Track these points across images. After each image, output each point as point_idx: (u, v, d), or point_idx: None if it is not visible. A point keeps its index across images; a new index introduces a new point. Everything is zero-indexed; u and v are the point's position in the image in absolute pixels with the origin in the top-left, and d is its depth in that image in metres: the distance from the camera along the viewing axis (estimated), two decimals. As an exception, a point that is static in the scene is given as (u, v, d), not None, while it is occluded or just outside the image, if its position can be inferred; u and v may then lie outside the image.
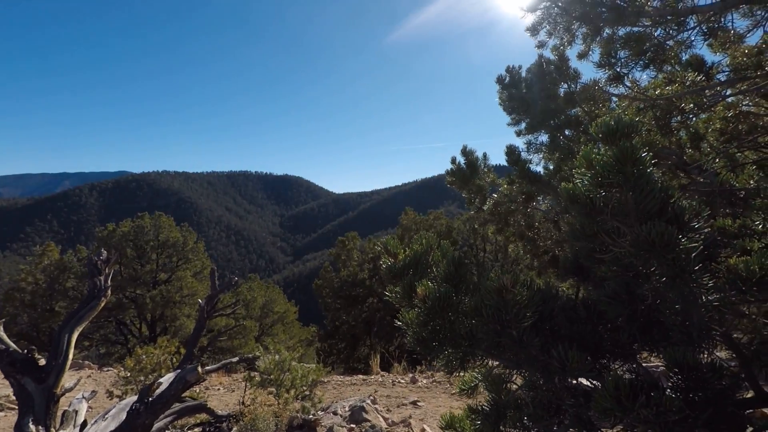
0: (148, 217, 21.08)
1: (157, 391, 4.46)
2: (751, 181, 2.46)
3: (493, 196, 3.98)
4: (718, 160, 2.84)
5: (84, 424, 4.36)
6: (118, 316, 19.71)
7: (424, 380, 9.42)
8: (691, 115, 2.95)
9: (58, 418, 4.33)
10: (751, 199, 1.96)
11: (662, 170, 3.40)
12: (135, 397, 4.72)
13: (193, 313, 19.30)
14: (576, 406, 1.29)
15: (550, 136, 3.78)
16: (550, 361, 1.19)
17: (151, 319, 20.22)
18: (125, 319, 20.42)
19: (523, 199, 3.57)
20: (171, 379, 4.67)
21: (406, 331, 1.42)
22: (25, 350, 4.36)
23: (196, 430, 5.88)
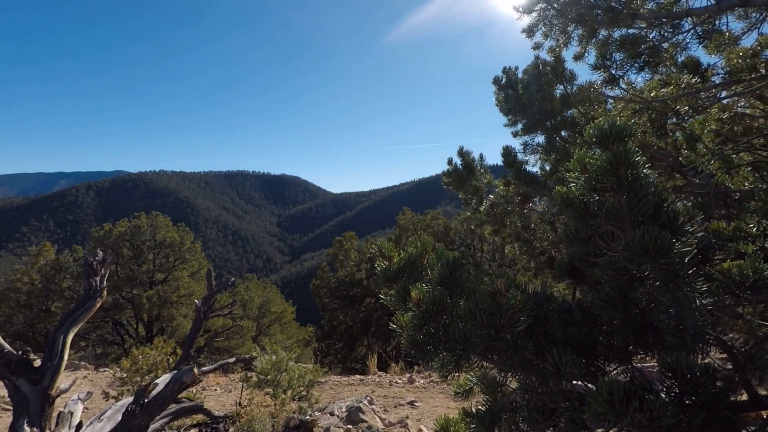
0: (145, 217, 21.02)
1: (153, 393, 4.45)
2: (746, 183, 2.47)
3: (490, 197, 3.98)
4: (713, 162, 2.85)
5: (79, 426, 4.35)
6: (114, 317, 19.65)
7: (422, 380, 9.42)
8: (687, 117, 2.96)
9: (54, 420, 4.31)
10: (746, 202, 1.96)
11: (658, 172, 3.40)
12: (131, 399, 4.70)
13: (190, 313, 19.25)
14: (571, 410, 1.29)
15: (547, 138, 3.78)
16: (544, 365, 1.19)
17: (147, 320, 20.16)
18: (122, 319, 20.36)
19: (520, 201, 3.57)
20: (167, 381, 4.65)
21: (400, 335, 1.42)
22: (20, 351, 4.34)
23: (193, 431, 5.86)
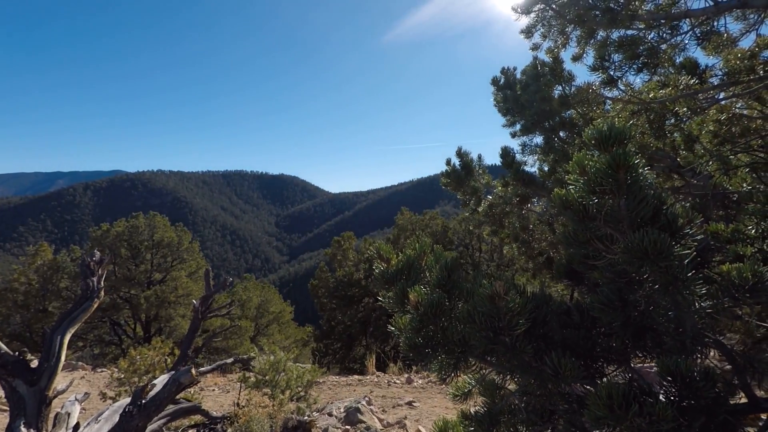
0: (143, 216, 20.96)
1: (151, 393, 4.43)
2: (744, 184, 2.48)
3: (488, 198, 3.98)
4: (711, 164, 2.85)
5: (77, 427, 4.33)
6: (112, 317, 19.60)
7: (420, 380, 9.42)
8: (685, 119, 2.96)
9: (51, 421, 4.30)
10: (745, 203, 1.96)
11: (656, 173, 3.40)
12: (128, 399, 4.68)
13: (188, 313, 19.21)
14: (569, 412, 1.29)
15: (545, 138, 3.78)
16: (543, 368, 1.19)
17: (145, 320, 20.12)
18: (119, 319, 20.30)
19: (518, 201, 3.57)
20: (165, 381, 4.64)
21: (399, 337, 1.41)
22: (17, 352, 4.32)
23: (191, 431, 5.85)
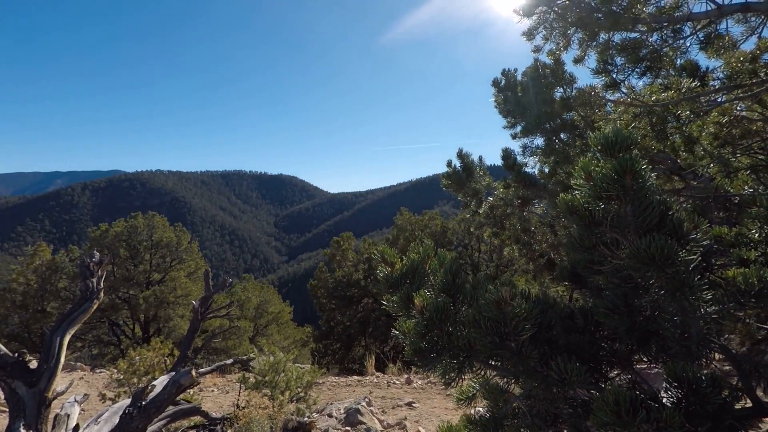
0: (142, 217, 20.93)
1: (151, 395, 4.42)
2: (746, 187, 2.48)
3: (489, 200, 3.98)
4: (713, 166, 2.86)
5: (76, 428, 4.32)
6: (111, 317, 19.56)
7: (419, 381, 9.42)
8: (688, 122, 2.96)
9: (50, 422, 4.29)
10: (748, 207, 1.96)
11: (657, 174, 3.40)
12: (128, 400, 4.67)
13: (187, 313, 19.19)
14: (574, 416, 1.29)
15: (546, 140, 3.78)
16: (548, 373, 1.19)
17: (144, 320, 20.10)
18: (118, 319, 20.26)
19: (519, 204, 3.58)
20: (165, 382, 4.63)
21: (403, 341, 1.41)
22: (17, 353, 4.31)
23: (190, 432, 5.84)
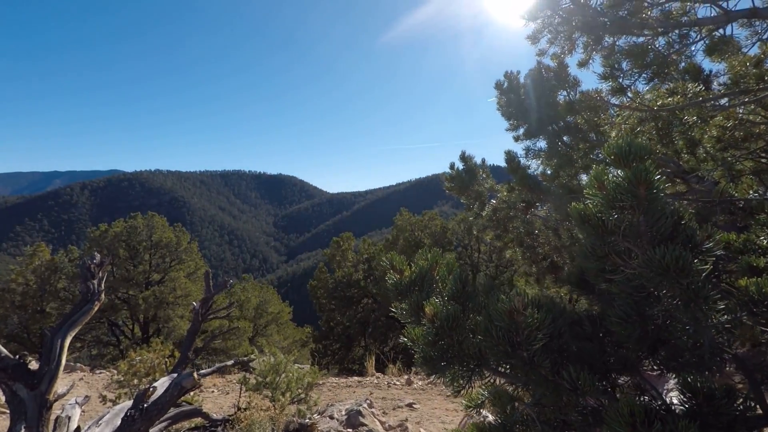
0: (141, 217, 20.91)
1: (153, 397, 4.41)
2: (750, 191, 2.48)
3: (492, 202, 3.98)
4: (718, 170, 2.85)
5: (77, 430, 4.31)
6: (110, 317, 19.54)
7: (420, 382, 9.43)
8: (695, 127, 2.97)
9: (51, 424, 4.27)
10: (755, 214, 1.96)
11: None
12: (129, 402, 4.66)
13: (187, 314, 19.17)
14: (584, 425, 1.29)
15: (549, 143, 3.79)
16: (560, 382, 1.19)
17: (143, 320, 20.08)
18: (118, 320, 20.24)
19: (523, 207, 3.58)
20: (166, 384, 4.62)
21: (411, 348, 1.41)
22: (18, 356, 4.30)
23: (191, 434, 5.83)
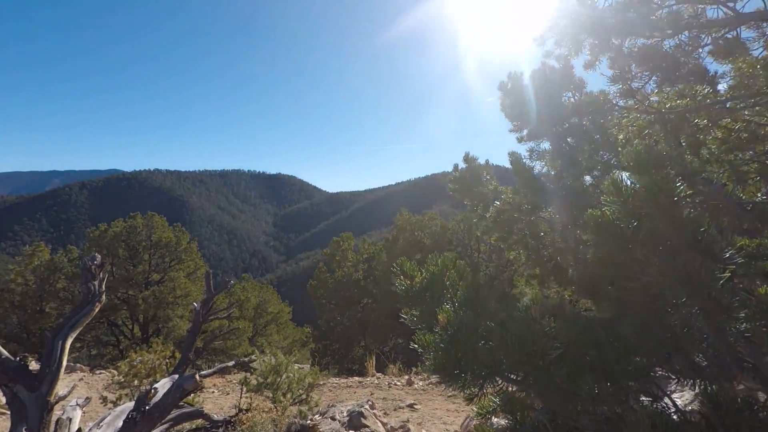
0: (141, 217, 20.88)
1: (154, 399, 4.39)
2: (759, 194, 2.47)
3: (496, 204, 3.96)
4: (724, 173, 2.84)
5: (79, 433, 4.30)
6: (110, 317, 19.52)
7: (420, 382, 9.41)
8: (705, 130, 2.95)
9: (52, 426, 4.26)
10: (766, 217, 1.94)
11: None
12: (131, 404, 4.65)
13: (187, 313, 19.16)
14: (597, 432, 1.28)
15: (553, 144, 3.77)
16: (577, 392, 1.17)
17: (143, 320, 20.06)
18: (117, 320, 20.22)
19: (528, 209, 3.56)
20: (167, 385, 4.60)
21: (422, 354, 1.39)
22: (18, 357, 4.27)
23: (192, 436, 5.81)
